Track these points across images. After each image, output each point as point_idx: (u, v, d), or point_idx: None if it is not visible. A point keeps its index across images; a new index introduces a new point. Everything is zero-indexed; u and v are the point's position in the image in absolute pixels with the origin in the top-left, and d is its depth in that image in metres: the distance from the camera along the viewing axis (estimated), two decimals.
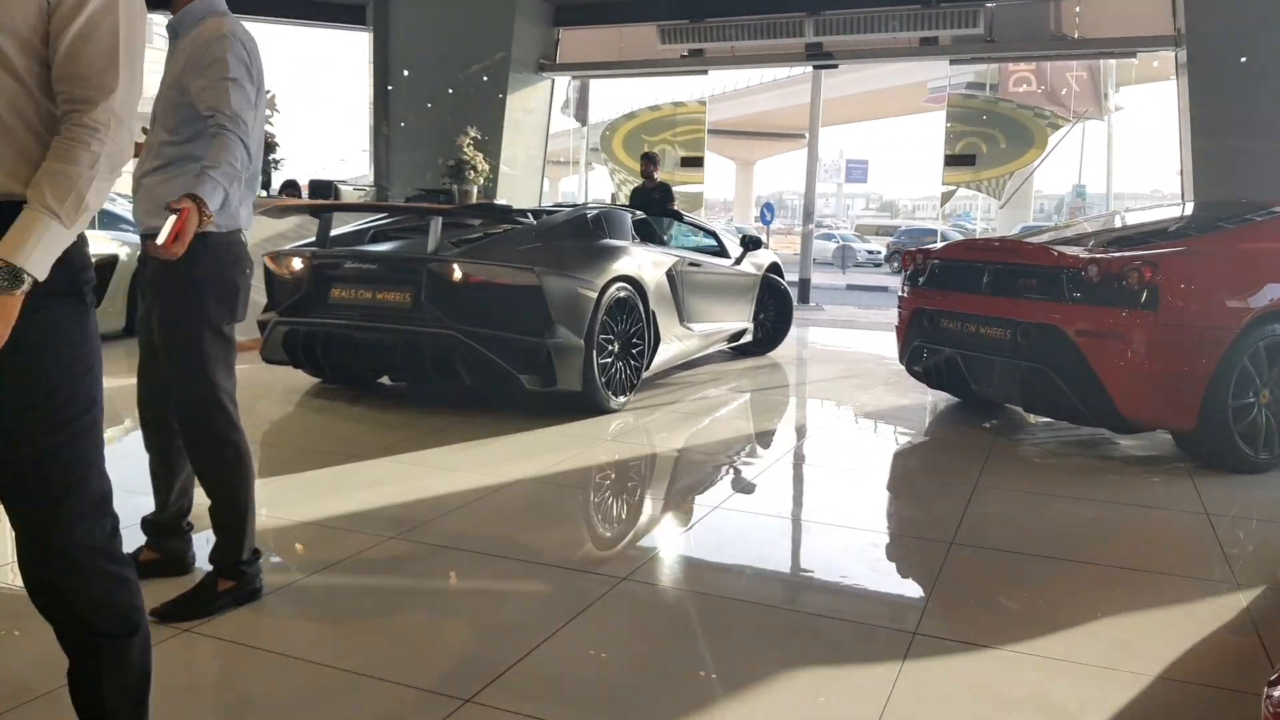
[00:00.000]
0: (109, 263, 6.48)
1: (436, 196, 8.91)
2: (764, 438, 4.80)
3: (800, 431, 5.09)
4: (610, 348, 4.88)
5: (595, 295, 4.72)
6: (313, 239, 5.04)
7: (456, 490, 3.54)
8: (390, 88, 11.18)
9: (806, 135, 14.48)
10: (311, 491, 3.51)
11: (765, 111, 36.72)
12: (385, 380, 5.39)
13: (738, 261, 6.77)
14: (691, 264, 5.95)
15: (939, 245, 5.51)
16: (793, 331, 7.60)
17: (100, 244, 6.41)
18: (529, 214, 5.43)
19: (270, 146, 7.10)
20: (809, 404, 5.95)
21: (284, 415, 4.85)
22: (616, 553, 3.02)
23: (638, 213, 6.07)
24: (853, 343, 9.14)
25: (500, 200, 9.58)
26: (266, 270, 4.84)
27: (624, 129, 12.66)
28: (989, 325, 4.73)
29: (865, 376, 6.73)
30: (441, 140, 9.59)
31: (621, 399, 4.97)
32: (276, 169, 7.16)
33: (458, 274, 4.47)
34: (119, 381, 2.85)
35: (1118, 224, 5.81)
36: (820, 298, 14.25)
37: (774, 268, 7.33)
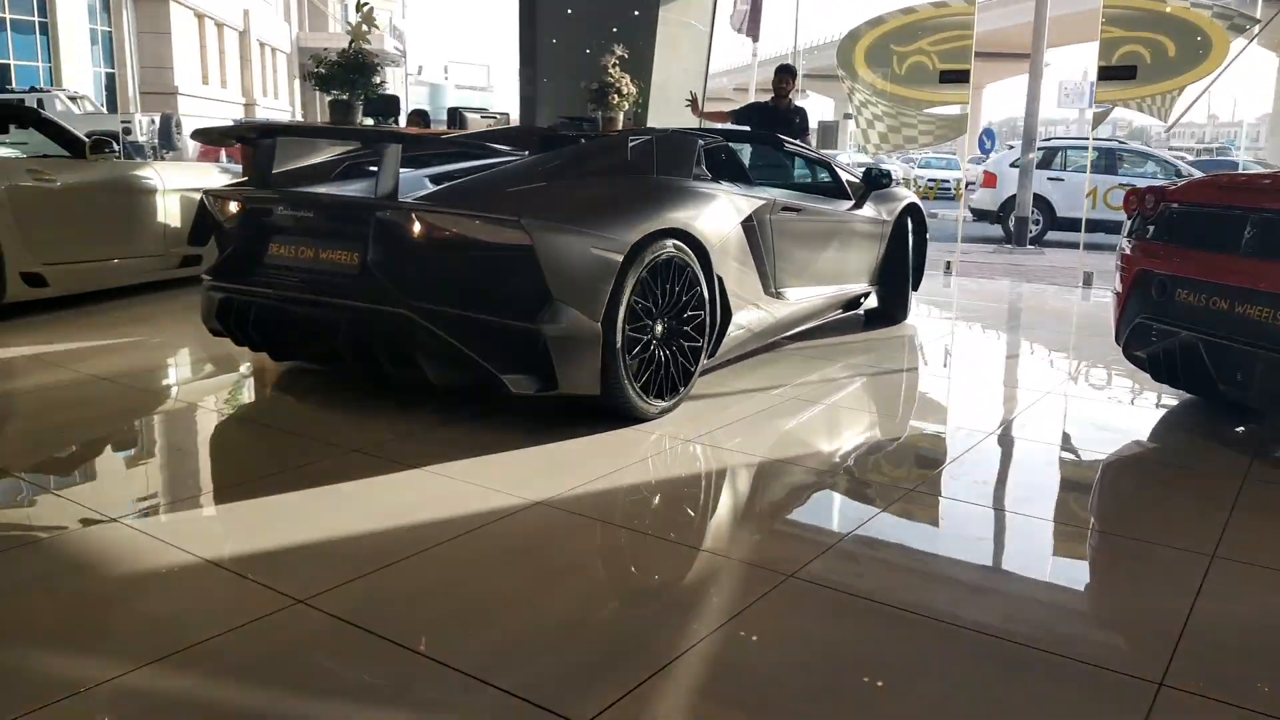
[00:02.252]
0: None
1: (579, 125, 7.97)
2: (887, 451, 3.58)
3: (928, 450, 3.82)
4: (648, 333, 3.42)
5: (621, 258, 3.24)
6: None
7: (424, 522, 2.62)
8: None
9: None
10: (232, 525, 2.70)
11: (994, 30, 33.72)
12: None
13: (858, 204, 5.18)
14: (787, 208, 4.41)
15: (1178, 183, 3.98)
16: (980, 284, 6.15)
17: None
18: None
19: (370, 68, 6.34)
20: (951, 401, 4.61)
21: (237, 402, 3.94)
22: (621, 637, 2.01)
23: (717, 138, 4.46)
24: (1066, 302, 7.51)
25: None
26: (203, 212, 3.79)
27: (868, 38, 10.02)
28: (1250, 301, 3.28)
29: (1051, 357, 5.28)
30: (589, 64, 8.60)
31: (665, 401, 3.52)
32: (375, 94, 6.41)
33: (415, 228, 3.13)
34: None
35: None
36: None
37: (911, 212, 5.66)
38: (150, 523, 2.54)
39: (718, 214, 3.81)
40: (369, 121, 6.53)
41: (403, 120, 7.18)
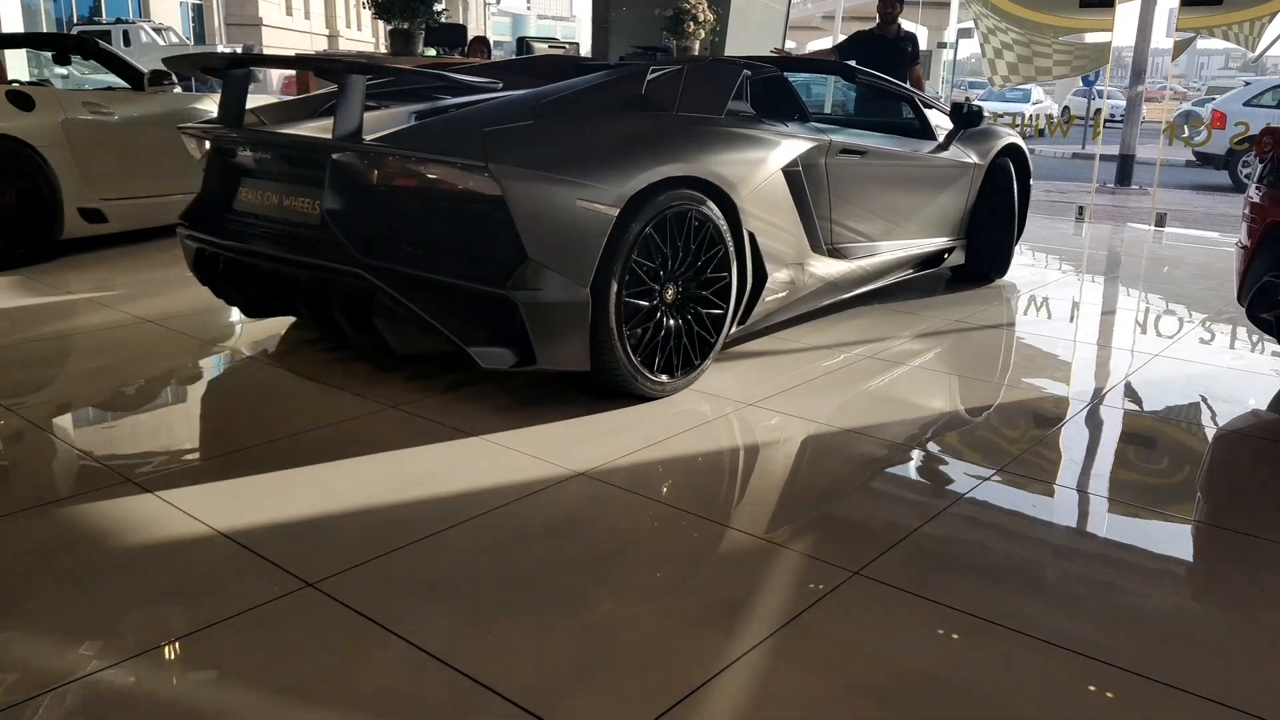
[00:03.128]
0: None
1: (652, 56, 7.59)
2: (973, 424, 3.24)
3: (1019, 424, 3.45)
4: (654, 299, 2.95)
5: (615, 212, 2.76)
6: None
7: (459, 492, 2.41)
8: None
9: None
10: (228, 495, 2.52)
11: None
12: None
13: (943, 146, 4.58)
14: (847, 151, 3.83)
15: None
16: (1088, 230, 5.61)
17: None
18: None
19: None
20: (1049, 365, 4.20)
21: (278, 351, 3.77)
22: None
23: (770, 68, 3.81)
24: (1172, 249, 6.93)
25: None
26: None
27: None
28: None
29: (1173, 316, 4.79)
30: None
31: (675, 378, 3.07)
32: (436, 22, 6.09)
33: (371, 173, 2.73)
34: None
35: None
36: (1147, 177, 11.52)
37: (1012, 153, 4.98)
38: (167, 484, 2.39)
39: (750, 159, 3.26)
40: (431, 52, 6.25)
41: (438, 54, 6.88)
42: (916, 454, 2.81)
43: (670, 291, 3.01)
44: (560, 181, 2.70)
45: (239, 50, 19.89)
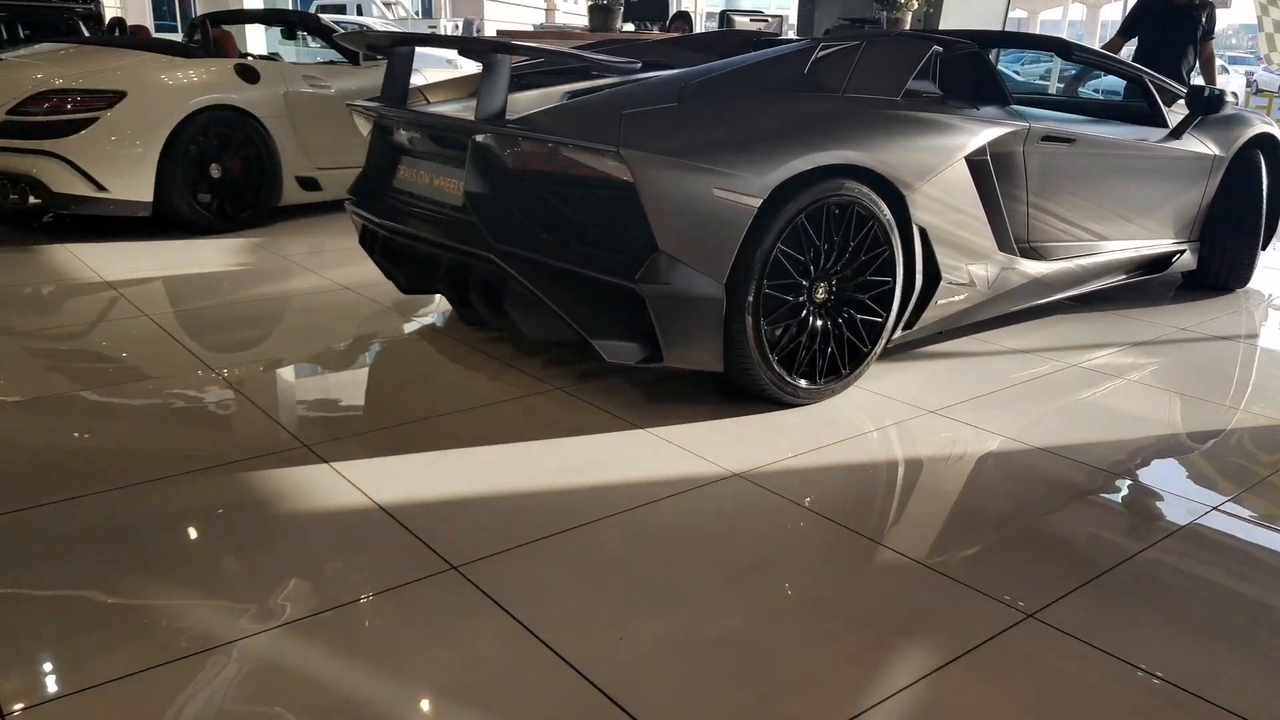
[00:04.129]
0: None
1: (861, 29, 7.25)
2: (1196, 452, 2.86)
3: (1250, 456, 3.00)
4: (800, 297, 2.74)
5: (757, 203, 2.57)
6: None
7: (612, 483, 2.35)
8: None
9: None
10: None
11: None
12: None
13: (1175, 134, 4.02)
14: (1051, 138, 3.43)
15: None
16: None
17: None
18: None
19: None
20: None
21: (461, 324, 3.82)
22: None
23: (968, 44, 3.37)
24: None
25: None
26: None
27: None
28: None
29: None
30: None
31: (821, 384, 2.85)
32: None
33: (506, 156, 2.69)
34: None
35: None
36: None
37: (1262, 144, 4.32)
38: (337, 453, 2.47)
39: (926, 146, 2.95)
40: (629, 27, 6.22)
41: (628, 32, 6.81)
42: (1120, 482, 2.52)
43: (821, 290, 2.80)
44: (696, 169, 2.53)
45: (459, 25, 20.76)
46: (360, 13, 20.65)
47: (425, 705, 1.58)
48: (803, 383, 2.81)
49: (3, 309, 3.74)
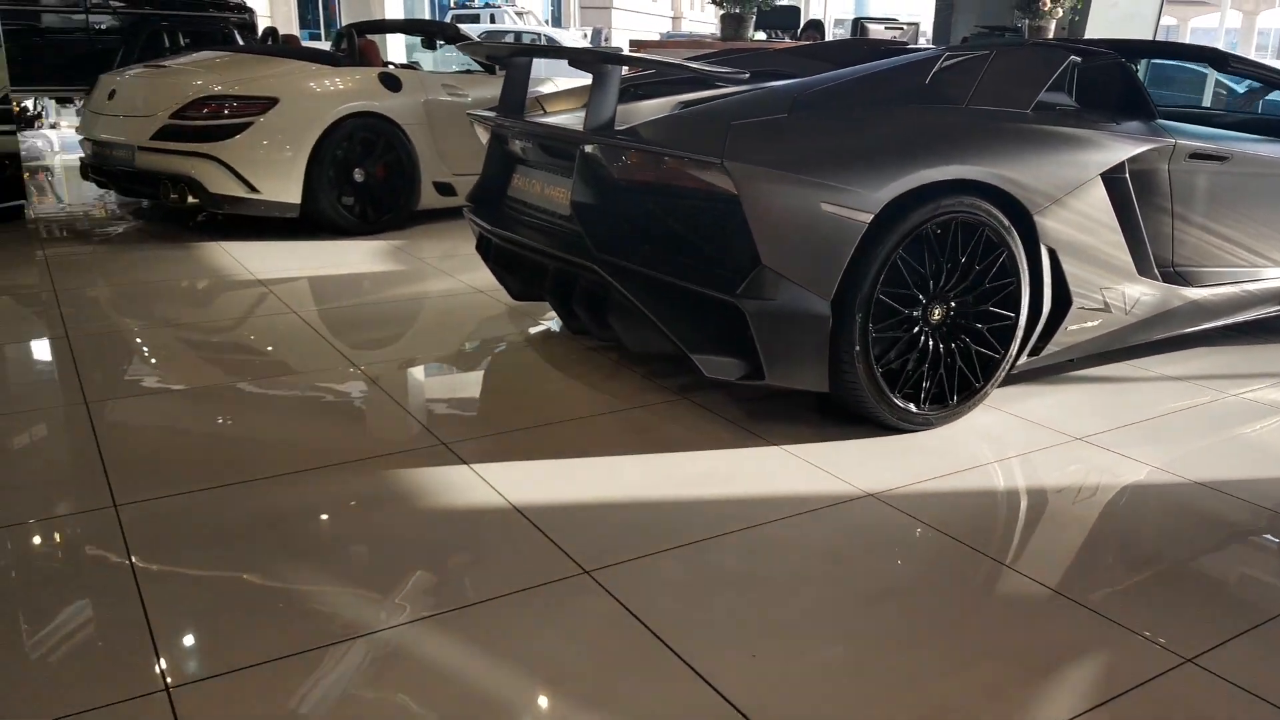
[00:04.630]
0: None
1: (1000, 37, 7.04)
2: None
3: None
4: (914, 318, 2.64)
5: (868, 218, 2.48)
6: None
7: (739, 496, 2.32)
8: None
9: None
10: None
11: None
12: None
13: None
14: (1199, 155, 3.19)
15: None
16: None
17: None
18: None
19: None
20: None
21: (537, 337, 3.85)
22: None
23: (1110, 54, 3.20)
24: None
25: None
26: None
27: None
28: None
29: None
30: None
31: (932, 409, 2.72)
32: (769, 4, 5.97)
33: (611, 166, 2.68)
34: None
35: None
36: None
37: None
38: (473, 452, 2.53)
39: (1057, 161, 2.79)
40: (760, 36, 6.18)
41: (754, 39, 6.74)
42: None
43: (937, 312, 2.68)
44: (804, 182, 2.46)
45: (587, 34, 21.09)
46: (493, 21, 21.22)
47: (558, 710, 1.59)
48: (913, 407, 2.70)
49: (163, 302, 3.98)
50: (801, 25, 6.83)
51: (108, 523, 2.13)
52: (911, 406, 2.69)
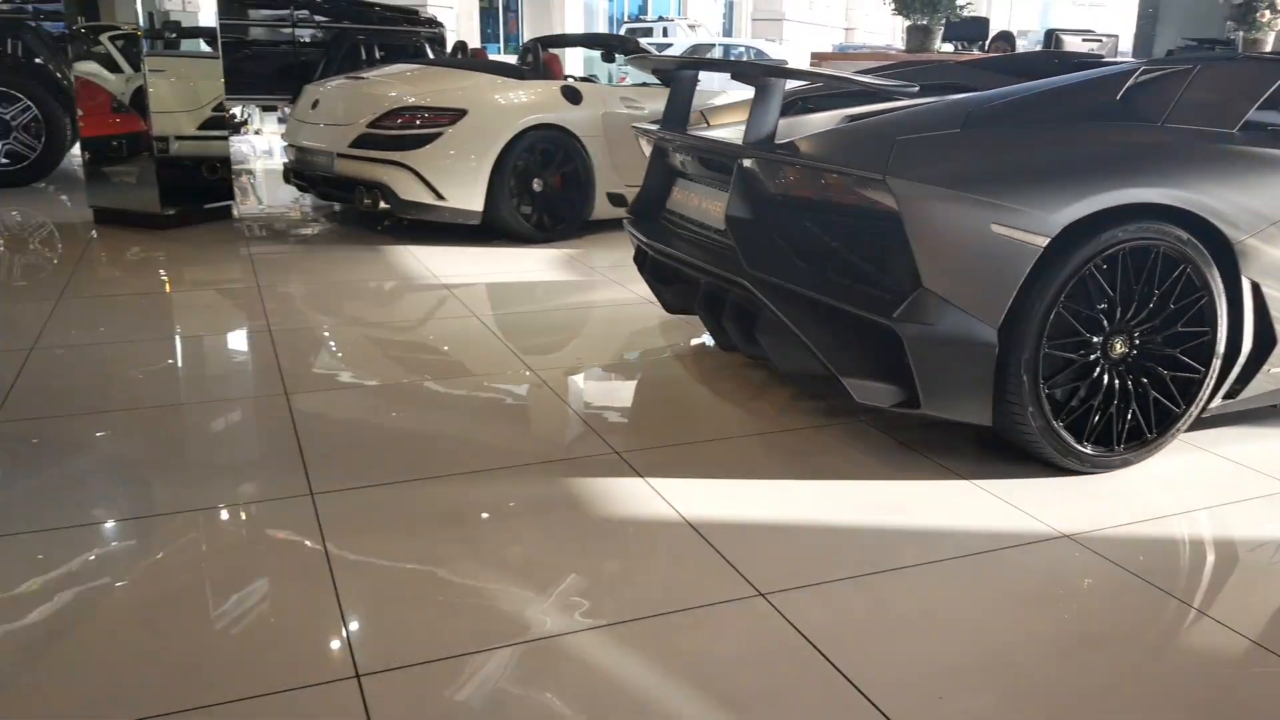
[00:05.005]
0: None
1: (1210, 50, 6.56)
2: None
3: None
4: (1093, 352, 2.47)
5: (1043, 242, 2.30)
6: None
7: (922, 528, 2.22)
8: None
9: None
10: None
11: None
12: None
13: None
14: None
15: None
16: None
17: None
18: None
19: None
20: None
21: (702, 350, 3.75)
22: None
23: None
24: None
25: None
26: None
27: None
28: None
29: None
30: None
31: (1114, 453, 2.52)
32: (957, 15, 5.75)
33: (767, 180, 2.61)
34: None
35: None
36: None
37: None
38: (645, 463, 2.53)
39: (1262, 186, 2.52)
40: (948, 47, 5.99)
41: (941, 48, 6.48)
42: None
43: (1120, 345, 2.49)
44: (973, 201, 2.31)
45: (753, 47, 21.02)
46: (666, 34, 21.51)
47: None
48: (1089, 448, 2.50)
49: (354, 301, 4.20)
50: (990, 37, 6.58)
51: (304, 510, 2.25)
52: (1089, 448, 2.50)
